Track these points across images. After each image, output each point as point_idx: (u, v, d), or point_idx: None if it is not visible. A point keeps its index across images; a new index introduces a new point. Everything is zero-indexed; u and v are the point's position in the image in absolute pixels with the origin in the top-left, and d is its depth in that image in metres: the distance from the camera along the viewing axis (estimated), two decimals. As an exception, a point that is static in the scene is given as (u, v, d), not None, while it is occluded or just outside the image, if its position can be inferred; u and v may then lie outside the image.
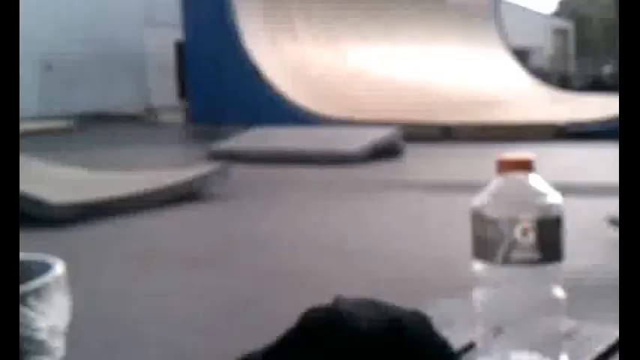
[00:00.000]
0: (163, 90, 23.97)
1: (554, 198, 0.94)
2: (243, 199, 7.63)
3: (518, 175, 0.95)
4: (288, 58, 16.49)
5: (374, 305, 1.02)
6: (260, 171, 9.54)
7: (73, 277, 1.37)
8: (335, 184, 8.50)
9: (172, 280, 4.75)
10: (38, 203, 6.51)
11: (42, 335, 1.53)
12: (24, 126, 17.27)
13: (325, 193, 7.86)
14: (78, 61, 21.92)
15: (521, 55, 26.39)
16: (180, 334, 3.71)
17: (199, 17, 16.14)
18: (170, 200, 7.26)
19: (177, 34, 19.59)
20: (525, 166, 0.96)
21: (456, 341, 1.05)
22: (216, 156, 10.49)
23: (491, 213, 0.93)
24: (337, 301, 1.01)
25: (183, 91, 21.87)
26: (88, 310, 2.23)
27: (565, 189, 1.05)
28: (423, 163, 10.31)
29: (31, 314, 1.52)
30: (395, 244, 5.37)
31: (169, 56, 24.21)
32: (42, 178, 7.98)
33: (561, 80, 29.14)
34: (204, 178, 7.77)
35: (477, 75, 20.57)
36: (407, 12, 20.44)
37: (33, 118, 19.63)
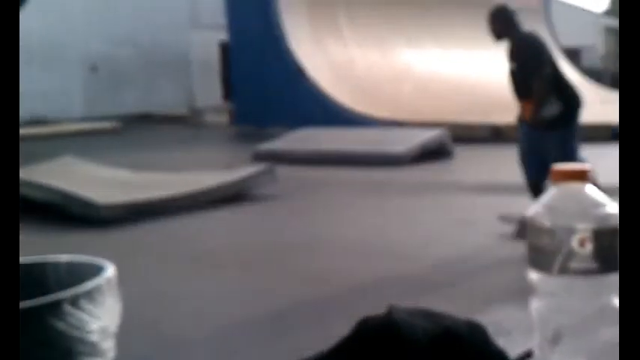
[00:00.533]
0: (208, 91, 24.20)
1: (611, 208, 0.94)
2: (289, 200, 7.68)
3: (574, 186, 0.95)
4: (333, 58, 16.51)
5: (428, 314, 1.03)
6: (306, 172, 9.57)
7: (120, 278, 1.40)
8: (382, 185, 8.49)
9: (221, 282, 4.80)
10: (86, 204, 6.64)
11: (94, 337, 1.57)
12: (70, 127, 17.66)
13: (373, 195, 7.86)
14: (123, 63, 22.27)
15: (573, 55, 25.98)
16: (230, 338, 3.75)
17: (243, 18, 16.26)
18: (217, 201, 7.35)
19: (222, 35, 19.77)
20: (581, 176, 0.96)
21: (513, 350, 1.05)
22: (261, 157, 10.55)
23: (547, 223, 0.93)
24: (392, 309, 1.02)
25: (227, 92, 22.05)
26: (136, 312, 2.25)
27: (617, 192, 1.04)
28: (473, 164, 10.23)
29: (84, 316, 1.56)
30: (445, 248, 5.35)
31: (214, 57, 24.44)
32: (89, 179, 8.13)
33: (614, 80, 28.62)
34: (250, 180, 7.83)
35: (527, 75, 20.27)
36: (453, 14, 20.29)
37: (79, 119, 20.01)
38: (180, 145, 13.85)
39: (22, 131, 16.59)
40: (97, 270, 1.72)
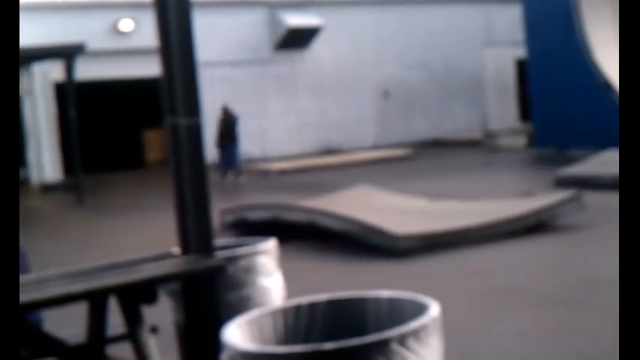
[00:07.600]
0: (503, 112, 23.95)
1: None
2: (599, 230, 7.30)
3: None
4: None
5: None
6: (616, 200, 9.04)
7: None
8: None
9: (526, 319, 4.70)
10: (384, 234, 6.89)
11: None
12: (363, 155, 18.50)
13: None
14: (415, 87, 22.85)
15: None
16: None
17: (543, 31, 15.90)
18: (517, 231, 7.22)
19: (518, 51, 19.46)
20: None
21: None
22: (564, 182, 10.20)
23: None
24: None
25: (524, 113, 21.63)
26: (445, 349, 2.27)
27: None
28: None
29: (410, 356, 1.61)
30: None
31: (509, 76, 24.16)
32: (386, 209, 8.44)
33: None
34: (554, 208, 7.59)
35: None
36: None
37: (371, 147, 20.88)
38: (475, 171, 13.84)
39: (317, 161, 17.70)
40: (420, 308, 1.78)
